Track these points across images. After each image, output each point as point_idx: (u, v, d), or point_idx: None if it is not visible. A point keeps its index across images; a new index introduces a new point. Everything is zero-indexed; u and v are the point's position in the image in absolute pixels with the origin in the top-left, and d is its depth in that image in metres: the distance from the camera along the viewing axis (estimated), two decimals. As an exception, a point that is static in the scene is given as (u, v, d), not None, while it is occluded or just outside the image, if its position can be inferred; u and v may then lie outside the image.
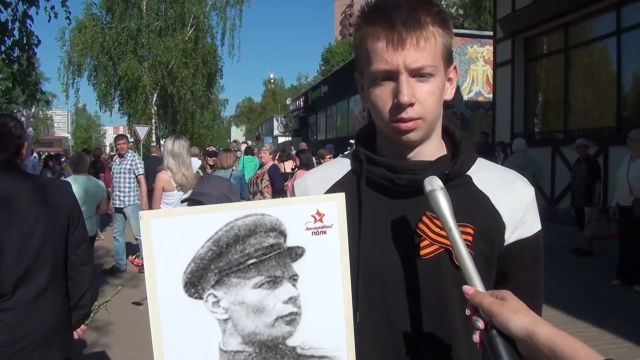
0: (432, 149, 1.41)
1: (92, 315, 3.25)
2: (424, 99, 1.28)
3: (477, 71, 24.39)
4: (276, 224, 1.20)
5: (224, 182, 2.97)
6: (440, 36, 1.29)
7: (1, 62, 8.77)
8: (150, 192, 7.46)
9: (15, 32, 8.22)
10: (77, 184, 7.07)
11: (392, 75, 1.28)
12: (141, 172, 9.85)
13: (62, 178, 10.33)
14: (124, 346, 6.13)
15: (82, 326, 3.16)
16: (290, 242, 1.21)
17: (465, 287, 1.15)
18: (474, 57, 24.29)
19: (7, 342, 2.70)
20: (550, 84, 16.23)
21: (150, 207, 7.27)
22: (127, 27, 31.60)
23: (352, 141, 14.37)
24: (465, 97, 24.08)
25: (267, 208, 1.20)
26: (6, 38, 8.20)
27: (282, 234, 1.20)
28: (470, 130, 23.39)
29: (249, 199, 9.02)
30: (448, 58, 1.34)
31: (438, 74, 1.30)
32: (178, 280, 1.17)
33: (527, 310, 1.07)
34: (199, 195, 3.01)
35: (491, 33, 19.24)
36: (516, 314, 1.04)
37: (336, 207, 1.22)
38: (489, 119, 21.07)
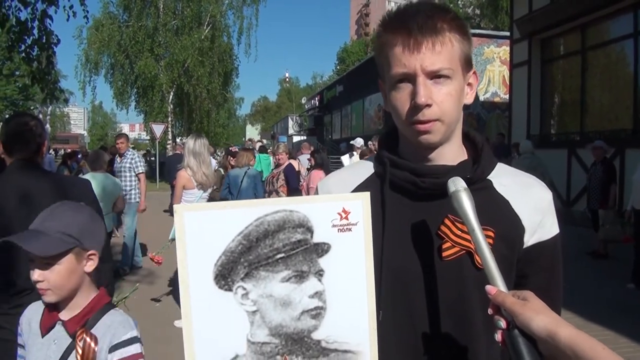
0: (453, 153, 1.44)
1: None
2: (441, 101, 1.31)
3: (493, 72, 24.32)
4: (304, 221, 1.23)
5: (78, 213, 2.09)
6: (457, 42, 1.33)
7: (21, 60, 8.86)
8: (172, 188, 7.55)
9: (35, 31, 8.32)
10: (94, 181, 7.12)
11: (410, 78, 1.32)
12: (141, 171, 9.86)
13: (80, 175, 10.42)
14: (139, 342, 6.18)
15: None
16: (317, 238, 1.24)
17: (488, 287, 1.17)
18: (490, 58, 24.22)
19: None
20: (567, 85, 16.15)
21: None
22: (144, 25, 31.79)
23: (352, 142, 14.40)
24: (482, 98, 24.01)
25: (295, 205, 1.24)
26: (26, 37, 8.29)
27: (309, 230, 1.24)
28: (486, 131, 23.32)
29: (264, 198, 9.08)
30: (467, 63, 1.37)
31: (455, 77, 1.33)
32: (209, 272, 1.21)
33: (549, 311, 1.09)
34: (28, 238, 1.96)
35: (508, 33, 19.16)
36: (538, 315, 1.06)
37: (361, 205, 1.26)
38: (505, 120, 21.00)
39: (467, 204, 1.22)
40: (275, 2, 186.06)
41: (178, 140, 35.90)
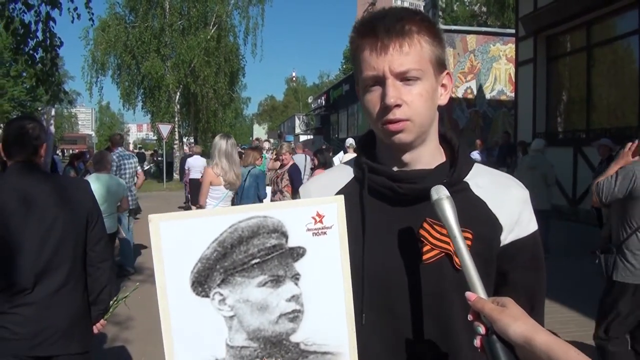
0: (430, 155, 1.46)
1: (110, 310, 3.33)
2: (411, 101, 1.33)
3: (499, 69, 24.26)
4: (278, 226, 1.25)
5: None
6: (426, 43, 1.34)
7: (24, 62, 8.90)
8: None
9: (39, 34, 8.35)
10: (99, 182, 7.20)
11: (379, 81, 1.34)
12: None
13: (87, 176, 10.45)
14: (142, 341, 6.22)
15: (102, 321, 3.24)
16: (292, 242, 1.26)
17: (468, 294, 1.19)
18: (496, 56, 24.17)
19: (28, 335, 2.81)
20: (573, 82, 16.09)
21: (196, 201, 7.44)
22: (150, 26, 31.82)
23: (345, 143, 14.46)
24: (488, 96, 23.97)
25: (269, 210, 1.26)
26: (29, 39, 8.33)
27: (284, 235, 1.26)
28: (492, 129, 23.29)
29: (271, 198, 9.14)
30: (438, 64, 1.39)
31: (426, 78, 1.35)
32: (186, 280, 1.23)
33: (527, 317, 1.11)
34: None
35: (514, 31, 19.10)
36: (516, 321, 1.09)
37: (336, 208, 1.28)
38: (511, 118, 20.95)
39: (449, 212, 1.24)
40: (281, 1, 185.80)
41: (185, 140, 35.98)
